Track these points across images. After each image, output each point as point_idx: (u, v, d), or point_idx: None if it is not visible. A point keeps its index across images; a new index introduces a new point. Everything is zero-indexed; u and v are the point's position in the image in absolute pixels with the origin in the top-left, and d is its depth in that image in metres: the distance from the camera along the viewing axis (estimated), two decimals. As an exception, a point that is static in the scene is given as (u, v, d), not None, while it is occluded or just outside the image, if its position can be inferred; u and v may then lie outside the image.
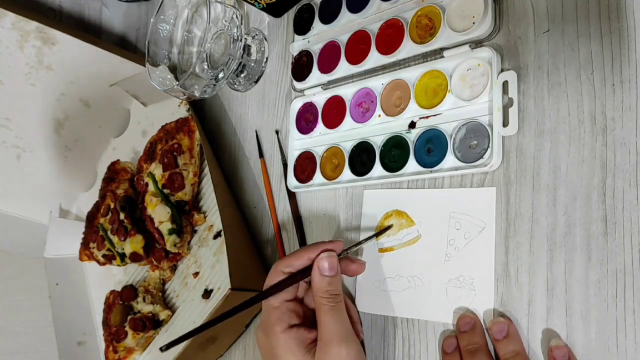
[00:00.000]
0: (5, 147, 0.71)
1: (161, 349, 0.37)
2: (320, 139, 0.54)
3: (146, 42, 0.58)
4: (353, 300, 0.49)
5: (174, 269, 0.64)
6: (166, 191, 0.62)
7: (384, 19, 0.49)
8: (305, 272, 0.41)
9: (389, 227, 0.47)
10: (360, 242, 0.45)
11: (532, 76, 0.41)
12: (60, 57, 0.67)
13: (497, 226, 0.41)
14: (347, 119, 0.52)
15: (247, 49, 0.61)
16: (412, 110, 0.47)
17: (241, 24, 0.57)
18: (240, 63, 0.60)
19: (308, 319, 0.42)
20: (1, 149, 0.71)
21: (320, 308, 0.39)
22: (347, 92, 0.52)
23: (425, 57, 0.47)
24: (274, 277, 0.41)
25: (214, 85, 0.57)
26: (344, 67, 0.52)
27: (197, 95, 0.56)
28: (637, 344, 0.35)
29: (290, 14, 0.60)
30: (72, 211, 0.79)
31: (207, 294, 0.57)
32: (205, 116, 0.69)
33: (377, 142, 0.49)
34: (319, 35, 0.55)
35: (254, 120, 0.63)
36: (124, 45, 0.82)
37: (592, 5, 0.39)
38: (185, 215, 0.62)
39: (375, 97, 0.50)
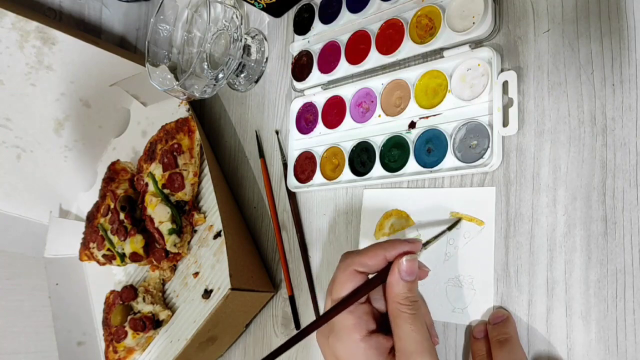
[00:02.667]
0: (5, 147, 0.71)
1: None
2: (320, 139, 0.54)
3: (146, 42, 0.58)
4: None
5: (174, 269, 0.64)
6: (166, 191, 0.62)
7: (384, 19, 0.49)
8: (382, 275, 0.37)
9: (459, 220, 0.43)
10: (434, 238, 0.41)
11: (532, 76, 0.41)
12: (60, 57, 0.67)
13: (497, 226, 0.41)
14: (347, 119, 0.52)
15: (247, 49, 0.61)
16: (412, 110, 0.47)
17: (241, 24, 0.57)
18: (240, 63, 0.60)
19: (380, 323, 0.38)
20: (1, 149, 0.71)
21: (398, 316, 0.35)
22: (347, 92, 0.52)
23: (425, 57, 0.47)
24: (346, 276, 0.37)
25: (214, 85, 0.57)
26: (344, 67, 0.52)
27: (197, 95, 0.56)
28: (637, 344, 0.35)
29: (290, 14, 0.60)
30: (72, 211, 0.79)
31: (207, 294, 0.57)
32: (205, 116, 0.69)
33: (377, 142, 0.49)
34: (319, 35, 0.55)
35: (254, 120, 0.63)
36: (124, 45, 0.82)
37: (592, 5, 0.39)
38: (185, 215, 0.62)
39: (375, 97, 0.50)
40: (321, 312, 0.51)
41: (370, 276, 0.38)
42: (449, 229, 0.43)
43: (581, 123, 0.39)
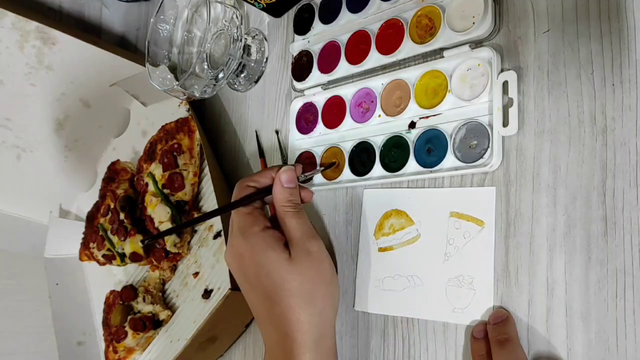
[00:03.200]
0: (5, 147, 0.71)
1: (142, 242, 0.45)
2: (320, 139, 0.54)
3: (146, 42, 0.58)
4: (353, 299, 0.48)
5: (174, 269, 0.64)
6: (166, 191, 0.62)
7: (384, 19, 0.49)
8: (269, 190, 0.45)
9: (333, 164, 0.51)
10: (311, 173, 0.49)
11: (532, 76, 0.41)
12: (60, 57, 0.67)
13: (497, 226, 0.41)
14: (347, 119, 0.52)
15: (247, 49, 0.61)
16: (412, 110, 0.47)
17: (241, 24, 0.57)
18: (240, 63, 0.60)
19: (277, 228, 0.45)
20: (1, 149, 0.71)
21: (284, 215, 0.43)
22: (347, 92, 0.52)
23: (425, 57, 0.47)
24: (240, 191, 0.45)
25: (214, 85, 0.57)
26: (344, 67, 0.52)
27: (197, 95, 0.56)
28: (637, 344, 0.35)
29: (290, 14, 0.60)
30: (72, 211, 0.79)
31: (207, 294, 0.57)
32: (205, 116, 0.69)
33: (377, 142, 0.49)
34: (319, 35, 0.55)
35: (254, 120, 0.63)
36: (124, 45, 0.82)
37: (592, 5, 0.39)
38: (185, 215, 0.62)
39: (375, 97, 0.50)
40: None
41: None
42: (325, 169, 0.51)
43: (581, 123, 0.39)
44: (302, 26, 0.57)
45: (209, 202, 0.63)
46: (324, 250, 0.43)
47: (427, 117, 0.46)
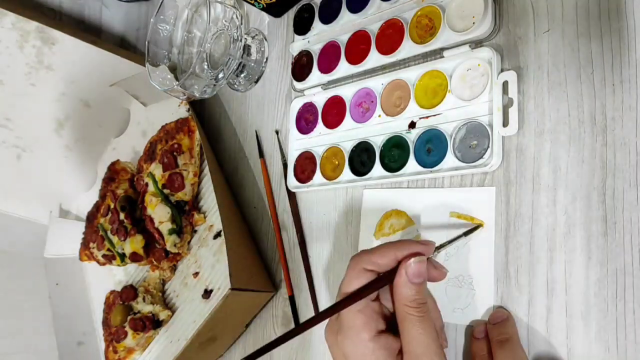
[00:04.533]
0: (5, 147, 0.71)
1: None
2: (320, 139, 0.54)
3: (146, 42, 0.58)
4: None
5: (174, 269, 0.64)
6: (166, 191, 0.62)
7: (384, 19, 0.49)
8: (390, 275, 0.36)
9: (478, 226, 0.42)
10: (449, 242, 0.40)
11: (532, 76, 0.41)
12: (60, 57, 0.67)
13: (497, 226, 0.41)
14: (347, 119, 0.52)
15: (247, 49, 0.61)
16: (412, 110, 0.47)
17: (241, 24, 0.57)
18: (240, 63, 0.60)
19: (389, 323, 0.38)
20: (1, 149, 0.71)
21: (405, 318, 0.35)
22: (347, 92, 0.52)
23: (425, 57, 0.47)
24: (355, 273, 0.36)
25: (214, 85, 0.57)
26: (344, 67, 0.52)
27: (197, 95, 0.56)
28: (637, 344, 0.35)
29: (290, 14, 0.60)
30: (72, 211, 0.79)
31: (207, 294, 0.57)
32: (205, 116, 0.69)
33: (377, 142, 0.49)
34: (319, 35, 0.55)
35: (254, 120, 0.63)
36: (124, 45, 0.82)
37: (592, 5, 0.39)
38: (185, 215, 0.62)
39: (375, 97, 0.50)
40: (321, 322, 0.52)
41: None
42: (466, 234, 0.42)
43: (581, 123, 0.39)
44: (302, 26, 0.57)
45: (209, 202, 0.63)
46: None
47: (427, 117, 0.46)
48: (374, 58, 0.50)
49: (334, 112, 0.53)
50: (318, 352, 0.52)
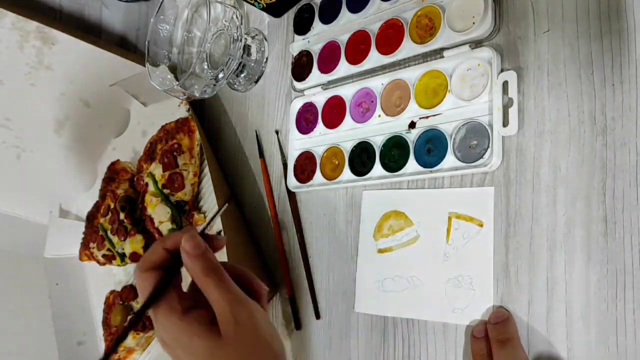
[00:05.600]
0: (5, 147, 0.71)
1: None
2: (320, 139, 0.54)
3: (146, 42, 0.58)
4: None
5: (174, 269, 0.64)
6: (166, 191, 0.62)
7: (384, 19, 0.49)
8: (176, 268, 0.38)
9: (228, 202, 0.45)
10: (210, 220, 0.44)
11: (532, 76, 0.41)
12: (60, 57, 0.67)
13: (497, 226, 0.41)
14: (347, 119, 0.52)
15: (247, 49, 0.61)
16: (412, 110, 0.47)
17: (241, 24, 0.57)
18: (240, 63, 0.60)
19: (195, 299, 0.39)
20: (1, 149, 0.71)
21: (203, 286, 0.37)
22: (347, 92, 0.52)
23: (425, 57, 0.47)
24: (141, 280, 0.38)
25: (214, 85, 0.57)
26: (344, 67, 0.52)
27: (197, 95, 0.56)
28: (637, 344, 0.35)
29: (290, 14, 0.60)
30: (72, 211, 0.79)
31: (207, 294, 0.57)
32: (205, 116, 0.69)
33: (377, 142, 0.49)
34: (319, 35, 0.55)
35: (254, 120, 0.63)
36: (124, 45, 0.82)
37: (592, 5, 0.39)
38: (185, 215, 0.62)
39: (375, 97, 0.50)
40: (321, 322, 0.53)
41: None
42: (218, 212, 0.44)
43: (581, 123, 0.39)
44: (302, 26, 0.57)
45: (209, 202, 0.63)
46: (256, 315, 0.36)
47: (427, 117, 0.46)
48: (374, 58, 0.50)
49: (334, 112, 0.53)
50: (318, 353, 0.52)
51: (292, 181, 0.55)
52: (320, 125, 0.54)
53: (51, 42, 0.66)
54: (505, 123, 0.41)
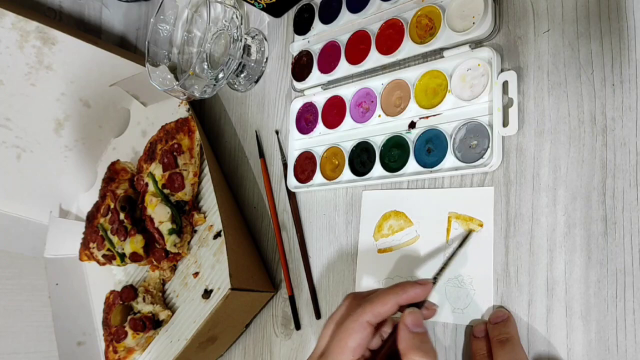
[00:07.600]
0: (5, 147, 0.71)
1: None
2: (320, 139, 0.54)
3: (146, 42, 0.58)
4: None
5: (174, 269, 0.64)
6: (166, 191, 0.62)
7: (384, 19, 0.49)
8: (391, 341, 0.36)
9: (469, 234, 0.42)
10: (443, 267, 0.41)
11: (532, 76, 0.41)
12: (60, 57, 0.67)
13: (497, 226, 0.41)
14: (347, 119, 0.52)
15: (247, 49, 0.61)
16: (412, 110, 0.47)
17: (241, 24, 0.57)
18: (240, 63, 0.60)
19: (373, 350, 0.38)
20: (1, 149, 0.71)
21: None
22: (347, 92, 0.52)
23: (425, 57, 0.47)
24: (357, 325, 0.36)
25: (214, 85, 0.57)
26: (344, 67, 0.52)
27: (197, 95, 0.56)
28: (637, 344, 0.35)
29: (290, 14, 0.60)
30: (72, 211, 0.79)
31: (207, 294, 0.57)
32: (205, 116, 0.69)
33: (377, 142, 0.49)
34: (319, 35, 0.55)
35: (254, 120, 0.63)
36: (124, 45, 0.82)
37: (592, 5, 0.39)
38: (185, 215, 0.62)
39: (375, 97, 0.50)
40: (321, 322, 0.52)
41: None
42: (460, 246, 0.42)
43: (581, 123, 0.39)
44: (302, 26, 0.57)
45: (209, 202, 0.63)
46: None
47: (427, 117, 0.46)
48: (374, 58, 0.50)
49: (334, 112, 0.53)
50: (318, 352, 0.52)
51: (292, 181, 0.55)
52: (320, 125, 0.54)
53: (51, 42, 0.66)
54: (505, 123, 0.41)
